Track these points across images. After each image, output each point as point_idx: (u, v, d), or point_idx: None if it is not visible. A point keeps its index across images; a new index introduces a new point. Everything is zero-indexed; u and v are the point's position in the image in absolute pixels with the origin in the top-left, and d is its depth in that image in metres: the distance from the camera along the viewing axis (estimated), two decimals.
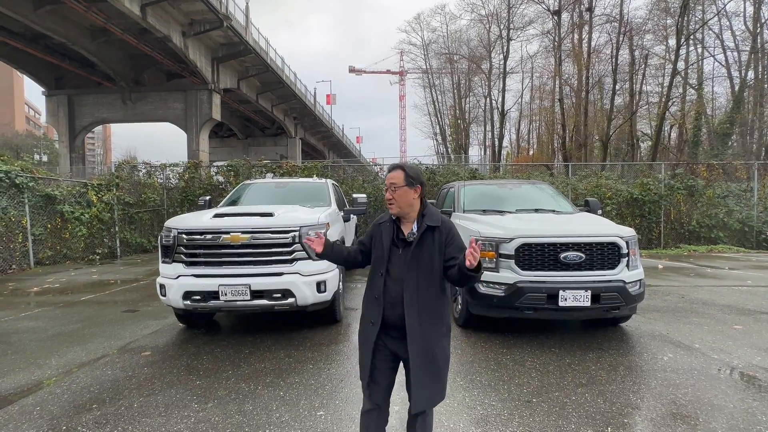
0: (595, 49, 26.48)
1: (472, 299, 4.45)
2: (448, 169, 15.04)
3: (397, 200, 2.04)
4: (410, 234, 2.05)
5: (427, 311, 1.99)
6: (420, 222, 2.06)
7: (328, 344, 4.40)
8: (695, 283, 7.62)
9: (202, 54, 26.81)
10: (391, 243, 2.07)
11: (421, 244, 2.01)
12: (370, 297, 2.09)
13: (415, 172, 2.09)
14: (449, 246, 2.04)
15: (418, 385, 1.94)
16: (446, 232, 2.06)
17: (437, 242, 2.02)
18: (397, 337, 2.01)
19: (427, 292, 2.00)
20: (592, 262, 4.07)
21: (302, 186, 6.62)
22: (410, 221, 2.09)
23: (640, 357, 3.94)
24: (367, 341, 2.05)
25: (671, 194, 13.61)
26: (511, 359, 3.91)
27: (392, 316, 2.00)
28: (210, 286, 4.19)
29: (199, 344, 4.48)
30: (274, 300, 4.26)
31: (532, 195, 6.03)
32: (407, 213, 2.08)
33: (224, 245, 4.23)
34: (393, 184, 2.04)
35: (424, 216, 2.07)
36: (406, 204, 2.05)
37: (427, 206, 2.11)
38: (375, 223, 2.22)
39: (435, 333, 2.00)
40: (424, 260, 2.00)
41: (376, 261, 2.11)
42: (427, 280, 2.00)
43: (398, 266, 2.02)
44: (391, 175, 2.08)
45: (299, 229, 4.35)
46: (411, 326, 1.94)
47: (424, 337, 1.95)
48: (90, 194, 11.55)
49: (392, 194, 2.04)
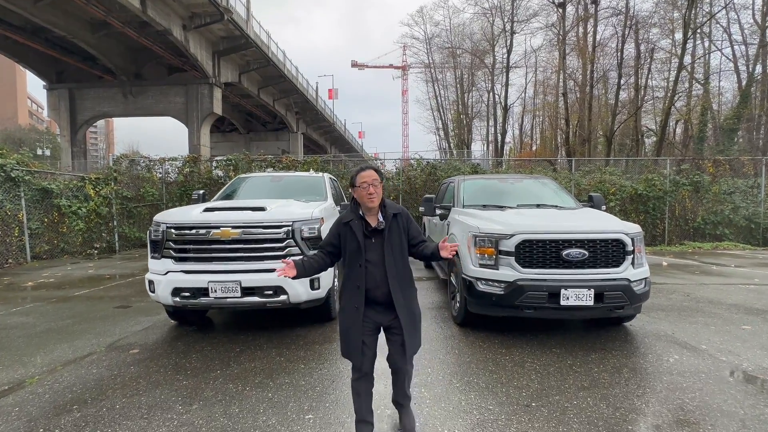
0: (600, 43, 26.12)
1: (470, 297, 4.30)
2: (449, 164, 14.86)
3: (378, 194, 2.38)
4: (380, 223, 2.39)
5: (404, 283, 2.43)
6: (384, 212, 2.42)
7: (322, 343, 4.27)
8: (701, 280, 7.45)
9: (203, 47, 26.62)
10: (364, 236, 2.38)
11: (390, 230, 2.39)
12: (351, 287, 2.41)
13: (381, 171, 2.55)
14: (410, 229, 2.48)
15: (409, 338, 2.41)
16: (406, 217, 2.49)
17: (401, 226, 2.44)
18: (381, 310, 2.42)
19: (402, 268, 2.42)
20: (596, 260, 3.92)
21: (298, 180, 6.48)
22: (374, 214, 2.42)
23: (644, 358, 3.79)
24: (356, 324, 2.38)
25: (676, 190, 13.38)
26: (511, 360, 3.76)
27: (377, 295, 2.38)
28: (199, 283, 4.06)
29: (190, 342, 4.35)
30: (265, 297, 4.12)
31: (534, 190, 5.86)
32: (377, 206, 2.41)
33: (214, 240, 4.10)
34: (375, 180, 2.37)
35: (385, 206, 2.43)
36: (380, 197, 2.41)
37: (384, 199, 2.46)
38: (340, 223, 2.48)
39: (411, 297, 2.49)
40: (395, 243, 2.40)
41: (352, 255, 2.41)
42: (400, 259, 2.42)
43: (375, 254, 2.37)
44: (370, 173, 2.39)
45: (292, 224, 4.21)
46: (397, 298, 2.37)
47: (406, 303, 2.41)
48: (87, 188, 11.43)
49: (375, 189, 2.36)
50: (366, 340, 2.40)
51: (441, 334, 4.53)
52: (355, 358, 2.41)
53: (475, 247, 4.24)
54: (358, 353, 2.39)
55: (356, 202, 2.44)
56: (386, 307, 2.39)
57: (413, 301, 2.49)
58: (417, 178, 13.70)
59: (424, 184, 13.55)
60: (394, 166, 14.69)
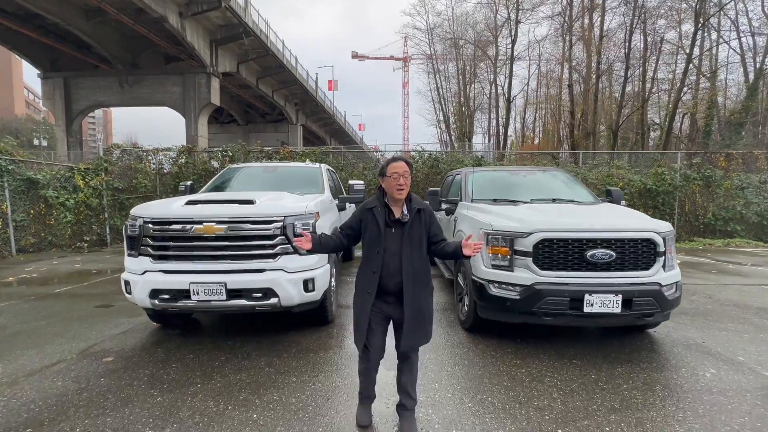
0: (607, 34, 25.48)
1: (481, 301, 3.88)
2: (452, 156, 14.38)
3: (407, 186, 2.39)
4: (404, 215, 2.41)
5: (419, 278, 2.41)
6: (409, 206, 2.43)
7: (317, 351, 3.86)
8: (720, 280, 7.04)
9: (200, 36, 26.02)
10: (385, 224, 2.39)
11: (413, 224, 2.41)
12: (367, 271, 2.42)
13: (411, 164, 2.49)
14: (432, 225, 2.48)
15: (408, 332, 2.39)
16: (429, 213, 2.49)
17: (423, 222, 2.44)
18: (392, 302, 2.43)
19: (418, 263, 2.41)
20: (624, 262, 3.49)
21: (293, 171, 6.03)
22: (399, 205, 2.44)
23: (677, 373, 3.38)
24: (365, 308, 2.41)
25: (687, 185, 12.95)
26: (527, 374, 3.35)
27: (390, 284, 2.39)
28: (180, 284, 3.64)
29: (171, 348, 3.94)
30: (254, 300, 3.70)
31: (548, 183, 5.43)
32: (404, 198, 2.42)
33: (197, 237, 3.67)
34: (406, 172, 2.38)
35: (411, 200, 2.45)
36: (408, 189, 2.42)
37: (411, 193, 2.46)
38: (363, 209, 2.49)
39: (424, 295, 2.45)
40: (415, 237, 2.40)
41: (371, 241, 2.42)
42: (418, 253, 2.41)
43: (394, 243, 2.39)
44: (401, 165, 2.38)
45: (284, 219, 3.78)
46: (407, 291, 2.36)
47: (415, 299, 2.39)
48: (76, 179, 10.99)
49: (405, 182, 2.37)
50: (375, 328, 2.44)
51: (448, 341, 4.12)
52: (360, 344, 2.48)
53: (488, 246, 3.82)
54: (366, 339, 2.44)
55: (383, 190, 2.46)
56: (396, 298, 2.40)
57: (425, 298, 2.45)
58: (419, 171, 13.24)
59: (426, 177, 13.09)
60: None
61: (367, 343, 2.45)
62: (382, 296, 2.41)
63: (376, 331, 2.43)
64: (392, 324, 2.51)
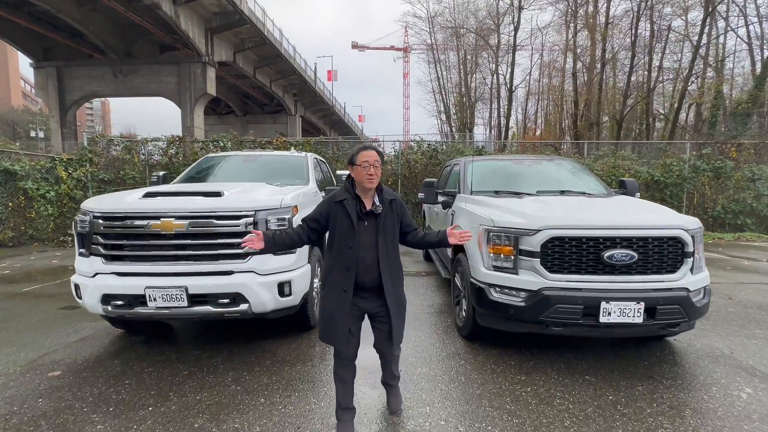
0: (612, 21, 24.75)
1: (480, 307, 3.41)
2: (452, 146, 13.85)
3: (378, 176, 2.26)
4: (376, 207, 2.29)
5: (394, 270, 2.34)
6: (380, 196, 2.32)
7: (293, 363, 3.40)
8: (736, 278, 6.56)
9: (195, 24, 25.37)
10: (357, 217, 2.25)
11: (386, 215, 2.30)
12: (340, 268, 2.26)
13: (382, 153, 2.43)
14: (404, 216, 2.40)
15: (396, 328, 2.35)
16: (400, 204, 2.40)
17: (396, 212, 2.35)
18: (368, 297, 2.32)
19: (393, 254, 2.33)
20: (647, 264, 3.01)
21: (276, 160, 5.53)
22: (370, 196, 2.31)
23: (707, 393, 2.91)
24: (343, 308, 2.25)
25: (696, 176, 12.44)
26: (534, 394, 2.89)
27: (366, 280, 2.27)
28: (135, 289, 3.17)
29: (129, 360, 3.49)
30: (220, 306, 3.24)
31: (556, 173, 4.94)
32: (374, 188, 2.29)
33: (154, 234, 3.20)
34: (377, 161, 2.25)
35: (381, 191, 2.33)
36: (378, 179, 2.28)
37: (381, 184, 2.34)
38: (331, 202, 2.32)
39: (400, 285, 2.40)
40: (389, 229, 2.31)
41: (343, 235, 2.26)
42: (392, 245, 2.33)
43: (368, 236, 2.26)
44: (371, 154, 2.25)
45: (255, 214, 3.30)
46: (387, 285, 2.28)
47: (395, 291, 2.32)
48: (58, 170, 10.51)
49: (375, 171, 2.24)
50: (351, 327, 2.31)
51: (442, 351, 3.65)
52: (339, 343, 2.30)
53: (488, 245, 3.34)
54: (343, 339, 2.28)
55: (352, 181, 2.31)
56: (373, 293, 2.32)
57: (401, 290, 2.42)
58: (417, 161, 12.72)
59: (424, 168, 12.58)
60: (393, 148, 13.66)
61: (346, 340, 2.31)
62: (357, 292, 2.28)
63: (352, 329, 2.32)
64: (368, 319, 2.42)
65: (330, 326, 2.28)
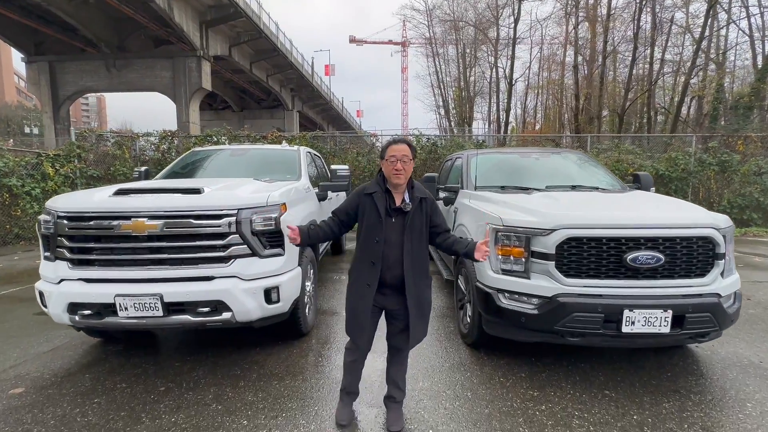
0: (614, 12, 24.32)
1: (487, 314, 3.10)
2: (452, 140, 13.51)
3: (407, 171, 2.22)
4: (405, 204, 2.24)
5: (419, 270, 2.28)
6: (411, 193, 2.27)
7: (283, 377, 3.09)
8: (750, 276, 6.28)
9: (189, 17, 24.89)
10: (386, 212, 2.22)
11: (414, 214, 2.25)
12: (366, 261, 2.24)
13: (414, 147, 2.29)
14: (434, 215, 2.32)
15: (414, 328, 2.28)
16: (431, 203, 2.32)
17: (425, 212, 2.28)
18: (388, 294, 2.29)
19: (418, 254, 2.27)
20: (674, 267, 2.70)
21: (266, 154, 5.19)
22: (400, 192, 2.27)
23: (742, 410, 2.61)
24: (365, 300, 2.25)
25: (702, 170, 12.14)
26: (549, 413, 2.58)
27: (387, 277, 2.24)
28: (104, 297, 2.85)
29: (101, 374, 3.17)
30: (200, 315, 2.92)
31: (565, 167, 4.62)
32: (404, 184, 2.26)
33: (125, 236, 2.87)
34: (405, 156, 2.20)
35: (413, 188, 2.28)
36: (408, 176, 2.24)
37: (413, 180, 2.30)
38: (361, 194, 2.30)
39: (423, 286, 2.32)
40: (416, 228, 2.26)
41: (370, 229, 2.23)
42: (418, 244, 2.27)
43: (394, 234, 2.23)
44: (401, 147, 2.22)
45: (237, 213, 2.98)
46: (408, 284, 2.23)
47: (417, 291, 2.26)
48: (45, 166, 10.16)
49: (403, 166, 2.19)
50: (369, 320, 2.31)
51: (446, 360, 3.35)
52: (359, 338, 2.32)
53: (497, 246, 3.02)
54: (363, 331, 2.30)
55: (383, 175, 2.28)
56: (394, 291, 2.28)
57: (425, 290, 2.33)
58: (416, 156, 12.38)
59: (423, 164, 12.25)
60: None
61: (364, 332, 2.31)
62: (379, 288, 2.26)
63: (370, 322, 2.31)
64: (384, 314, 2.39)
65: (353, 320, 2.30)
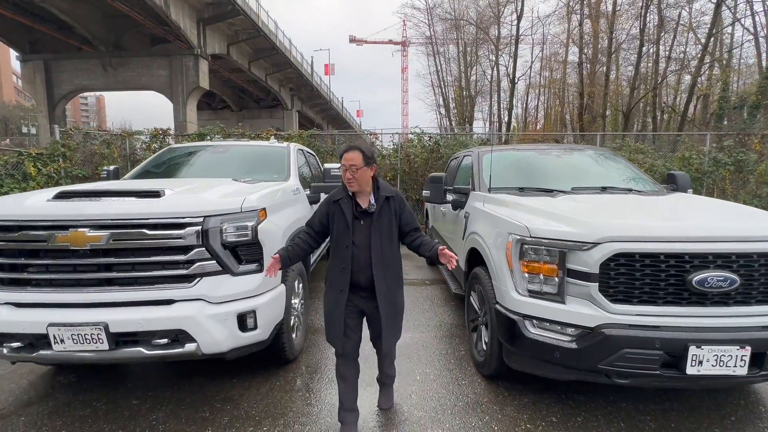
0: (619, 11, 23.77)
1: (512, 345, 2.53)
2: (454, 139, 12.91)
3: (358, 179, 2.19)
4: (370, 205, 2.25)
5: (390, 271, 2.27)
6: (377, 194, 2.27)
7: (260, 421, 2.52)
8: None
9: (186, 15, 24.37)
10: (353, 216, 2.23)
11: (380, 214, 2.25)
12: (338, 267, 2.26)
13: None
14: (403, 213, 2.31)
15: (387, 330, 2.28)
16: (399, 200, 2.31)
17: (393, 210, 2.28)
18: (365, 296, 2.28)
19: (389, 254, 2.26)
20: (751, 291, 2.14)
21: (251, 151, 4.62)
22: (366, 195, 2.27)
23: None
24: (339, 306, 2.25)
25: (716, 170, 11.57)
26: None
27: (361, 279, 2.24)
28: (35, 326, 2.29)
29: (41, 414, 2.61)
30: (157, 348, 2.36)
31: (590, 166, 4.05)
32: (364, 189, 2.24)
33: (62, 250, 2.32)
34: (353, 165, 2.17)
35: (378, 188, 2.28)
36: (364, 182, 2.22)
37: (379, 180, 2.30)
38: (329, 202, 2.31)
39: (396, 288, 2.32)
40: (384, 227, 2.25)
41: (340, 235, 2.25)
42: (388, 244, 2.26)
43: (362, 236, 2.23)
44: (350, 156, 2.19)
45: (204, 221, 2.42)
46: (379, 285, 2.22)
47: (389, 292, 2.26)
48: (27, 165, 9.60)
49: (353, 174, 2.17)
50: (350, 323, 2.28)
51: (459, 398, 2.78)
52: (336, 342, 2.28)
53: (522, 260, 2.46)
54: (339, 337, 2.26)
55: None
56: (369, 293, 2.26)
57: (397, 291, 2.32)
58: (417, 156, 11.78)
59: (425, 163, 11.66)
60: (392, 141, 12.71)
61: (345, 338, 2.27)
62: (355, 291, 2.27)
63: (351, 325, 2.29)
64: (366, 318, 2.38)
65: (329, 326, 2.28)
